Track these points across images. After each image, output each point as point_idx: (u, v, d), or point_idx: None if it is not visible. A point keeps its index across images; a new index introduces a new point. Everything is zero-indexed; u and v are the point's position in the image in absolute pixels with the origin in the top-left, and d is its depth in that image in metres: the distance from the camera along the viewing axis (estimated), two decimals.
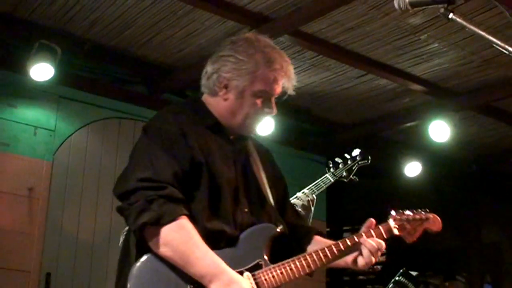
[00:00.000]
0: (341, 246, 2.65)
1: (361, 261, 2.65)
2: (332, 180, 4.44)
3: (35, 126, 6.08)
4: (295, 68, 6.59)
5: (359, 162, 4.54)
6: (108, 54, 6.30)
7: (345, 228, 9.77)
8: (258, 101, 2.71)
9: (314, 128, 7.93)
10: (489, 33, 2.15)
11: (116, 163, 6.45)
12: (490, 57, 6.11)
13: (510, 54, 2.06)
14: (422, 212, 3.04)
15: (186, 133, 2.56)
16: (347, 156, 4.56)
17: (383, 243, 2.69)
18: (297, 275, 2.55)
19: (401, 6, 2.17)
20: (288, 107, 7.01)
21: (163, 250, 2.37)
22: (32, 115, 6.09)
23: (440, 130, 7.14)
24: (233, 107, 2.69)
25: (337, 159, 4.52)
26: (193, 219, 2.43)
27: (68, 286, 5.96)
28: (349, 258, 2.67)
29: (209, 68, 2.74)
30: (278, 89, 2.76)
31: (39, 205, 5.94)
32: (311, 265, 2.59)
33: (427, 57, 6.17)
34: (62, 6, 5.51)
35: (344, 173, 4.53)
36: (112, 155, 6.45)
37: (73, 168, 6.21)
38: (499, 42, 2.14)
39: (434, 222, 3.07)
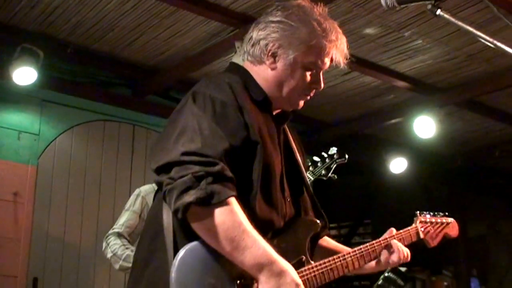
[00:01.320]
0: (376, 246, 2.59)
1: (395, 257, 2.61)
2: (312, 179, 4.44)
3: (19, 130, 6.04)
4: None
5: (337, 160, 4.56)
6: (91, 57, 6.27)
7: (331, 225, 9.78)
8: (308, 74, 2.45)
9: (299, 126, 7.93)
10: (474, 29, 2.14)
11: (101, 165, 6.43)
12: (474, 52, 6.13)
13: (498, 48, 2.06)
14: (444, 216, 3.02)
15: (242, 107, 2.26)
16: (324, 154, 4.57)
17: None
18: (335, 276, 2.39)
19: (388, 3, 2.14)
20: None
21: (209, 235, 2.08)
22: (15, 120, 6.04)
23: (425, 126, 7.16)
24: (280, 77, 2.42)
25: (315, 158, 4.54)
26: (242, 204, 2.14)
27: None
28: (373, 262, 2.61)
29: (254, 33, 2.44)
30: (328, 63, 2.49)
31: (24, 209, 5.90)
32: (349, 266, 2.46)
33: (411, 53, 6.18)
34: (44, 9, 5.47)
35: (323, 171, 4.55)
36: (97, 158, 6.43)
37: (58, 171, 6.18)
38: (486, 37, 2.14)
39: (453, 227, 3.05)
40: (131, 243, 4.55)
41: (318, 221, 2.50)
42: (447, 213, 3.06)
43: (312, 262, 2.36)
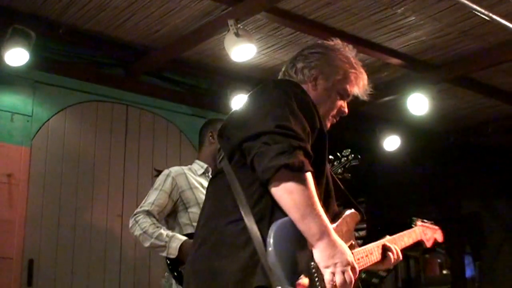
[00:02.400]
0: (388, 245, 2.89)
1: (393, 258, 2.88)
2: None
3: (12, 112, 6.01)
4: (272, 45, 6.63)
5: (352, 161, 4.83)
6: (84, 37, 6.23)
7: None
8: (339, 99, 2.85)
9: None
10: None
11: (94, 146, 6.41)
12: (467, 29, 6.12)
13: (493, 21, 2.06)
14: (431, 223, 3.53)
15: (315, 105, 2.60)
16: (339, 154, 4.91)
17: None
18: (374, 262, 2.71)
19: None
20: None
21: (290, 198, 2.27)
22: (8, 101, 6.01)
23: (418, 104, 7.17)
24: (320, 98, 2.77)
25: (330, 156, 4.74)
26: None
27: (51, 272, 5.93)
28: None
29: (299, 64, 2.84)
30: (353, 93, 2.92)
31: (19, 191, 5.89)
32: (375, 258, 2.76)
33: (404, 30, 6.17)
34: None
35: (339, 170, 4.89)
36: (90, 139, 6.41)
37: (51, 153, 6.16)
38: (482, 10, 2.14)
39: (440, 233, 3.55)
40: (159, 222, 4.55)
41: (360, 213, 2.77)
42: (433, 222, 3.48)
43: (357, 247, 2.63)
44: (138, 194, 6.56)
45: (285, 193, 2.27)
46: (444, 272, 12.99)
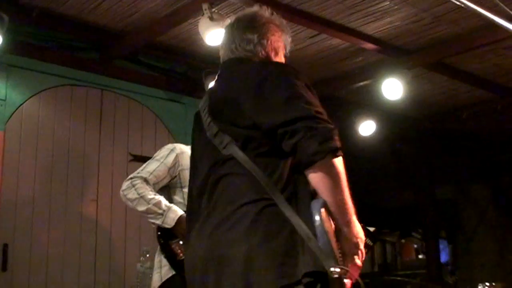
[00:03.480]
0: None
1: None
2: None
3: None
4: None
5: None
6: (57, 21, 6.18)
7: None
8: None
9: None
10: None
11: (69, 130, 6.38)
12: (441, 14, 6.14)
13: (463, 6, 2.07)
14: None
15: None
16: None
17: None
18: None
19: None
20: None
21: (334, 179, 2.40)
22: None
23: (393, 89, 7.19)
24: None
25: None
26: None
27: (26, 257, 5.90)
28: None
29: (250, 35, 2.89)
30: None
31: None
32: None
33: (378, 15, 6.17)
34: None
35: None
36: (65, 123, 6.37)
37: (26, 137, 6.12)
38: None
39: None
40: (155, 186, 4.51)
41: None
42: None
43: None
44: (113, 178, 6.55)
45: (330, 177, 2.38)
46: (420, 256, 13.12)
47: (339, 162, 2.40)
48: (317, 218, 2.34)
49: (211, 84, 3.00)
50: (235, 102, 2.57)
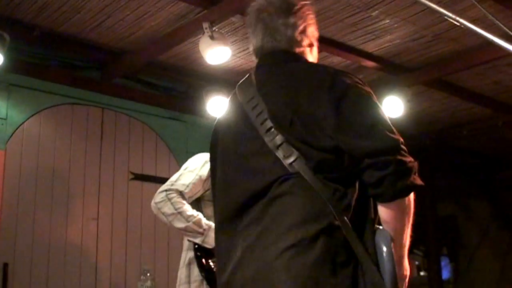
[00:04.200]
0: None
1: None
2: None
3: None
4: (247, 48, 6.62)
5: None
6: (58, 40, 6.20)
7: None
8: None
9: None
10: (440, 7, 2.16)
11: (70, 149, 6.39)
12: (441, 31, 6.16)
13: (462, 26, 2.08)
14: None
15: None
16: None
17: None
18: None
19: None
20: None
21: (407, 216, 2.35)
22: None
23: (393, 106, 7.18)
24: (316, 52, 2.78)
25: None
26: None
27: (27, 276, 5.89)
28: None
29: (290, 20, 2.64)
30: None
31: None
32: None
33: (378, 33, 6.19)
34: None
35: None
36: (66, 142, 6.38)
37: (26, 156, 6.12)
38: (451, 15, 2.15)
39: None
40: (191, 198, 4.31)
41: None
42: None
43: None
44: (113, 197, 6.55)
45: (407, 212, 2.34)
46: (422, 273, 13.05)
47: (412, 198, 2.34)
48: (384, 251, 2.31)
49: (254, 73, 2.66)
50: (310, 117, 2.32)
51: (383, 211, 2.32)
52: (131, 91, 6.96)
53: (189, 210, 4.20)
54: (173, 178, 4.36)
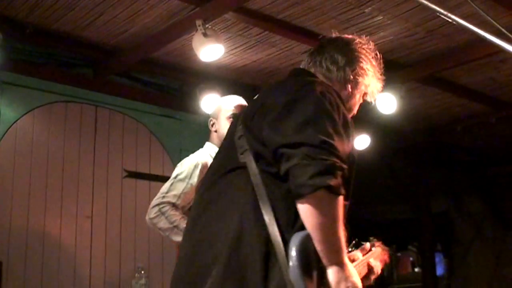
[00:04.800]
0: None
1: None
2: None
3: None
4: (241, 45, 6.63)
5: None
6: (51, 38, 6.19)
7: None
8: (360, 102, 2.84)
9: None
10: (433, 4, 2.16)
11: (63, 147, 6.38)
12: (434, 28, 6.17)
13: (454, 22, 2.08)
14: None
15: (350, 123, 2.47)
16: None
17: None
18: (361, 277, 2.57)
19: None
20: (235, 85, 7.03)
21: (319, 218, 2.16)
22: None
23: (387, 103, 7.19)
24: (349, 101, 2.76)
25: None
26: None
27: (21, 274, 5.89)
28: None
29: (339, 57, 2.78)
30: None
31: None
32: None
33: (372, 30, 6.19)
34: None
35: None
36: (59, 140, 6.37)
37: (20, 155, 6.12)
38: (444, 11, 2.15)
39: (387, 255, 3.24)
40: (184, 209, 4.28)
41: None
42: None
43: None
44: (107, 195, 6.55)
45: (316, 213, 2.17)
46: (416, 270, 13.09)
47: (333, 200, 2.18)
48: (292, 252, 2.19)
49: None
50: (265, 112, 2.38)
51: (298, 209, 2.21)
52: (125, 88, 6.95)
53: (183, 222, 4.14)
54: (163, 189, 4.34)
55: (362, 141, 8.34)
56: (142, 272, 5.68)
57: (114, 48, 6.49)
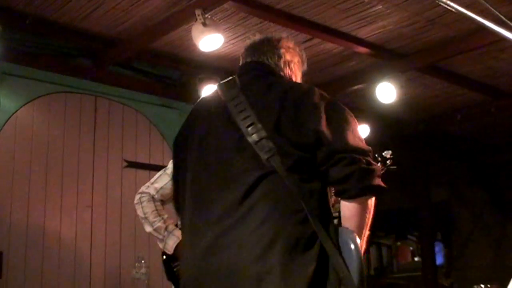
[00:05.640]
0: None
1: None
2: None
3: None
4: (240, 35, 6.61)
5: (390, 167, 4.54)
6: (51, 28, 6.18)
7: None
8: None
9: None
10: None
11: (63, 137, 6.38)
12: (433, 17, 6.16)
13: (454, 10, 2.07)
14: None
15: None
16: (377, 157, 4.50)
17: None
18: None
19: None
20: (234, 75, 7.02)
21: (368, 215, 2.50)
22: None
23: (387, 92, 7.20)
24: None
25: None
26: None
27: (21, 264, 5.90)
28: None
29: (288, 56, 2.93)
30: None
31: None
32: None
33: (371, 19, 6.18)
34: None
35: None
36: (59, 130, 6.37)
37: (20, 144, 6.12)
38: (444, 0, 2.15)
39: None
40: (164, 202, 4.39)
41: None
42: None
43: None
44: (107, 185, 6.55)
45: (368, 212, 2.50)
46: (416, 259, 13.10)
47: (373, 201, 2.52)
48: (353, 250, 2.40)
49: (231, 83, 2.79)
50: (294, 116, 2.50)
51: (346, 208, 2.47)
52: (124, 79, 6.95)
53: (153, 215, 4.35)
54: (153, 178, 4.48)
55: (361, 131, 8.32)
56: (143, 261, 5.68)
57: (113, 39, 6.48)
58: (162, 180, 4.40)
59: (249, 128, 2.48)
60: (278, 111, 2.51)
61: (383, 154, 4.57)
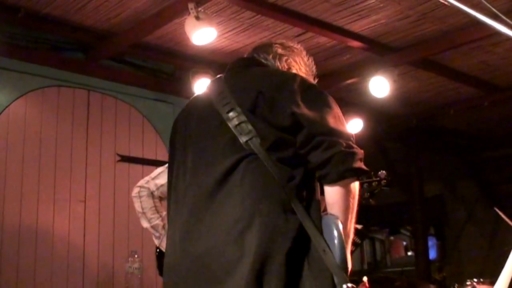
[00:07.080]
0: None
1: None
2: None
3: None
4: (233, 29, 6.60)
5: (383, 187, 4.54)
6: (43, 21, 6.15)
7: None
8: None
9: None
10: None
11: (56, 131, 6.36)
12: (426, 11, 6.16)
13: (447, 4, 2.07)
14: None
15: None
16: (373, 176, 4.55)
17: None
18: None
19: None
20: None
21: (352, 199, 2.46)
22: None
23: (380, 86, 7.20)
24: None
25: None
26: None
27: (14, 259, 5.88)
28: None
29: (281, 50, 2.96)
30: None
31: None
32: None
33: (364, 13, 6.18)
34: None
35: (366, 195, 4.57)
36: (52, 124, 6.35)
37: (12, 139, 6.09)
38: None
39: None
40: (163, 199, 4.41)
41: None
42: None
43: None
44: (101, 179, 6.54)
45: (352, 195, 2.47)
46: (409, 253, 13.16)
47: (357, 185, 2.50)
48: (335, 234, 2.37)
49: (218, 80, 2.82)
50: (273, 99, 2.51)
51: (329, 193, 2.44)
52: (117, 72, 6.94)
53: (151, 212, 4.40)
54: (153, 173, 4.50)
55: (354, 125, 8.34)
56: (136, 256, 5.68)
57: (106, 32, 6.46)
58: (164, 177, 4.30)
59: (230, 114, 2.51)
60: (256, 94, 2.52)
61: (379, 174, 4.59)
